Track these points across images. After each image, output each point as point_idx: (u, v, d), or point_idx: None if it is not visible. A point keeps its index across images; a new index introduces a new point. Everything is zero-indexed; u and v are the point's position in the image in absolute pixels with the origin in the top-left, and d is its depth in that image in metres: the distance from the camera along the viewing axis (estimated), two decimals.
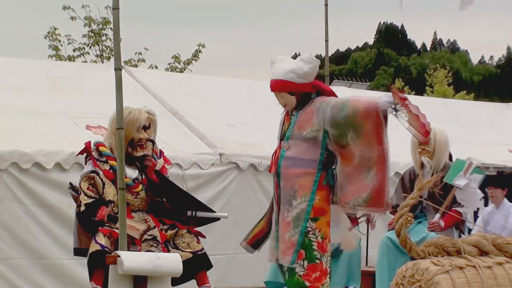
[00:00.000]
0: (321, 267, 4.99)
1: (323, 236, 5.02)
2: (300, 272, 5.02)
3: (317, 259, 5.00)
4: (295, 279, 5.01)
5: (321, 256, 5.00)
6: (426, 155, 6.83)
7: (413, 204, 4.62)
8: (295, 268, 5.04)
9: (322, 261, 5.00)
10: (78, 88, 8.69)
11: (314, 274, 5.00)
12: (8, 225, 7.02)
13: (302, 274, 5.00)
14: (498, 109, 12.13)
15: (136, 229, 5.72)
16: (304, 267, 5.02)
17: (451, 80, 36.34)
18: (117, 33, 5.27)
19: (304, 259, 5.02)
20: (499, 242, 4.48)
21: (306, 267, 5.01)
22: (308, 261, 5.01)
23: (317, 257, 5.00)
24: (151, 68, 16.40)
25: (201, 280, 5.99)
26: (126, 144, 5.81)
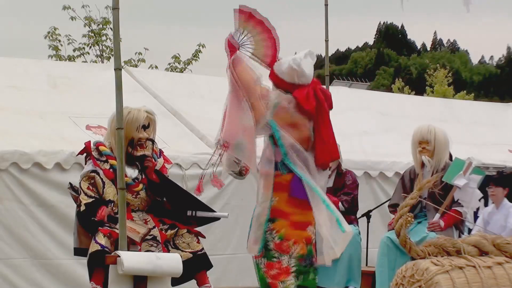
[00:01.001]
0: (280, 265, 5.02)
1: (282, 237, 5.02)
2: (262, 268, 5.09)
3: (274, 257, 5.03)
4: (261, 274, 5.12)
5: (280, 255, 5.02)
6: (426, 154, 6.82)
7: (413, 204, 4.62)
8: (259, 264, 5.12)
9: (281, 260, 5.02)
10: (78, 88, 8.69)
11: (271, 271, 5.04)
12: (8, 225, 7.02)
13: (264, 270, 5.08)
14: (498, 109, 12.14)
15: (136, 232, 5.72)
16: (264, 264, 5.08)
17: (451, 80, 36.30)
18: (117, 33, 5.26)
19: (263, 256, 5.07)
20: (499, 242, 4.48)
21: (265, 264, 5.07)
22: (267, 258, 5.06)
23: (275, 256, 5.03)
24: (151, 68, 16.39)
25: (201, 280, 5.99)
26: (126, 144, 5.82)
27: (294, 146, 5.01)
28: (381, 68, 67.03)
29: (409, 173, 7.09)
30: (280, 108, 5.06)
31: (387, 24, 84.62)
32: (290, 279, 5.00)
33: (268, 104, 5.05)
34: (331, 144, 5.08)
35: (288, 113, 5.05)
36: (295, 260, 5.02)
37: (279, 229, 5.04)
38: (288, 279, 4.99)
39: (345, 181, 7.54)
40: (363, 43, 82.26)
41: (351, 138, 9.30)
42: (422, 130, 6.88)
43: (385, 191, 8.89)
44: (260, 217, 5.10)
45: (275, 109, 5.05)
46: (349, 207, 7.44)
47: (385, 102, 11.03)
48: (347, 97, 10.58)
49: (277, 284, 5.01)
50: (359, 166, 8.72)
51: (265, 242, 5.05)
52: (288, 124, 5.04)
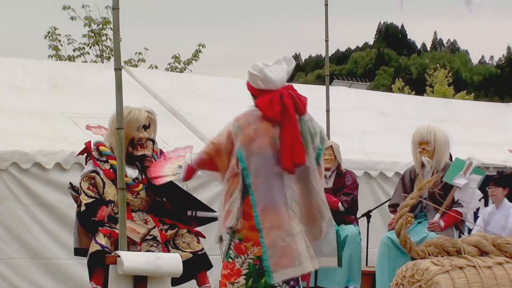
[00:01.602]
0: (233, 266, 5.02)
1: (241, 239, 5.02)
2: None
3: (230, 258, 5.04)
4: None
5: (236, 257, 5.02)
6: (427, 155, 6.82)
7: (413, 204, 4.62)
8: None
9: (235, 261, 5.02)
10: (78, 88, 8.69)
11: (224, 270, 5.07)
12: (8, 225, 7.02)
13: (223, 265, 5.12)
14: (498, 109, 12.14)
15: (137, 232, 5.72)
16: (223, 261, 5.10)
17: (451, 80, 36.33)
18: (117, 33, 5.27)
19: (224, 254, 5.10)
20: (499, 242, 4.48)
21: (223, 263, 5.08)
22: (225, 256, 5.08)
23: (231, 256, 5.04)
24: (151, 68, 16.39)
25: (201, 280, 5.99)
26: (127, 144, 5.82)
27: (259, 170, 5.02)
28: (381, 68, 67.09)
29: (409, 173, 7.09)
30: (242, 128, 5.06)
31: (387, 24, 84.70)
32: (240, 280, 5.01)
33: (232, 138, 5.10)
34: (295, 149, 5.03)
35: (251, 128, 5.05)
36: (250, 262, 5.01)
37: (240, 230, 5.04)
38: (237, 281, 5.00)
39: (345, 181, 7.54)
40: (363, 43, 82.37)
41: (351, 138, 9.30)
42: (422, 131, 6.87)
43: (385, 191, 8.89)
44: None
45: (239, 132, 5.07)
46: (349, 208, 7.44)
47: (385, 102, 11.03)
48: (347, 97, 10.58)
49: (226, 284, 5.03)
50: (359, 166, 8.71)
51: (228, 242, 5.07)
52: (252, 137, 5.04)
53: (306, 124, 5.11)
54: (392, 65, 69.16)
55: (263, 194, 4.98)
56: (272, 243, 4.93)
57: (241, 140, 5.03)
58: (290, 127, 5.03)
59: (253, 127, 5.04)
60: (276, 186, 5.00)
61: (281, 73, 5.15)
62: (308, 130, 5.10)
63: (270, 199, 4.98)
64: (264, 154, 5.00)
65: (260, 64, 5.13)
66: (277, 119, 5.02)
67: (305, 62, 78.67)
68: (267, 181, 5.00)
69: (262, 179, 5.00)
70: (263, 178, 5.00)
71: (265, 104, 5.06)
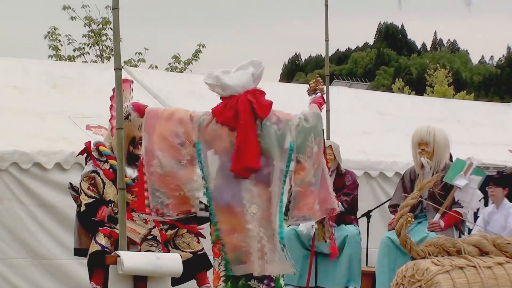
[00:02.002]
0: (214, 270, 5.02)
1: (214, 242, 5.01)
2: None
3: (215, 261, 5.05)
4: None
5: (214, 260, 5.03)
6: (426, 156, 6.82)
7: (413, 204, 4.62)
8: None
9: (214, 264, 5.03)
10: (78, 88, 8.69)
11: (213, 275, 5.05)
12: (8, 225, 7.02)
13: None
14: (498, 109, 12.14)
15: (137, 233, 5.72)
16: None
17: (451, 80, 36.33)
18: (117, 33, 5.27)
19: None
20: (499, 242, 4.48)
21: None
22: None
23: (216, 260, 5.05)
24: (151, 68, 16.39)
25: (201, 280, 5.99)
26: (127, 143, 5.83)
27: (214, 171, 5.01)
28: (381, 68, 67.05)
29: (410, 173, 7.09)
30: (205, 124, 5.07)
31: (387, 24, 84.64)
32: (221, 283, 5.00)
33: (193, 126, 5.08)
34: (246, 153, 5.01)
35: (211, 127, 5.05)
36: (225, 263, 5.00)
37: (212, 233, 5.04)
38: (219, 284, 4.99)
39: (345, 182, 7.53)
40: (363, 43, 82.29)
41: (351, 138, 9.30)
42: (422, 132, 6.86)
43: (385, 191, 8.89)
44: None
45: (201, 127, 5.08)
46: (349, 208, 7.43)
47: (385, 102, 11.03)
48: (347, 97, 10.58)
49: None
50: (359, 166, 8.71)
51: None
52: (212, 137, 5.04)
53: (269, 128, 5.02)
54: (392, 65, 69.10)
55: (217, 195, 4.98)
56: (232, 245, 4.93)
57: (202, 136, 5.04)
58: (242, 131, 5.00)
59: (211, 128, 5.06)
60: (231, 189, 4.97)
61: (242, 78, 5.10)
62: (274, 133, 5.02)
63: (224, 201, 4.97)
64: (220, 157, 5.00)
65: (216, 72, 5.11)
66: (230, 124, 5.02)
67: (305, 62, 78.63)
68: (221, 183, 4.99)
69: (217, 181, 4.99)
70: (216, 179, 4.99)
71: (218, 110, 5.08)
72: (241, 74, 5.12)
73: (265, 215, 4.99)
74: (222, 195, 4.97)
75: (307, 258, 7.28)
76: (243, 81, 5.10)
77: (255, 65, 5.16)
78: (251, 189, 4.97)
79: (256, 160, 4.97)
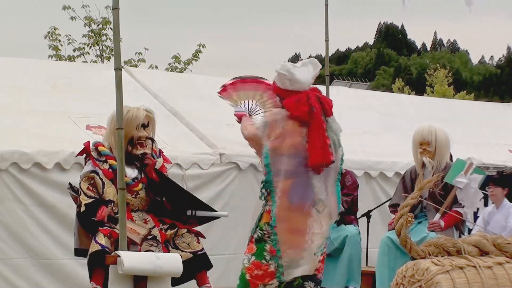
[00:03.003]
0: (267, 268, 5.03)
1: (278, 243, 5.03)
2: (245, 264, 5.11)
3: (264, 259, 5.04)
4: (242, 270, 5.15)
5: (271, 258, 5.03)
6: (427, 155, 6.82)
7: (413, 204, 4.62)
8: (244, 260, 5.16)
9: (269, 263, 5.03)
10: (78, 88, 8.69)
11: (256, 271, 5.05)
12: (8, 225, 7.01)
13: (246, 266, 5.10)
14: (498, 109, 12.14)
15: (137, 233, 5.72)
16: (250, 261, 5.10)
17: (451, 80, 36.34)
18: (117, 33, 5.27)
19: (253, 254, 5.08)
20: (500, 242, 4.48)
21: (252, 262, 5.09)
22: (256, 257, 5.07)
23: (266, 258, 5.04)
24: (151, 68, 16.39)
25: (201, 280, 5.99)
26: (126, 143, 5.82)
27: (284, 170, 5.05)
28: (381, 68, 67.06)
29: (410, 173, 7.09)
30: (270, 124, 5.11)
31: (387, 24, 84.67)
32: (273, 283, 5.02)
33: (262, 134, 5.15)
34: (323, 148, 5.08)
35: (278, 125, 5.10)
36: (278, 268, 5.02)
37: (277, 233, 5.05)
38: (271, 283, 5.01)
39: (345, 182, 7.53)
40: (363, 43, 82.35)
41: (351, 138, 9.28)
42: (423, 131, 6.86)
43: (385, 191, 8.89)
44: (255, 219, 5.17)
45: (266, 127, 5.12)
46: (349, 208, 7.44)
47: (385, 102, 11.03)
48: (347, 97, 10.58)
49: (258, 284, 5.03)
50: (359, 166, 8.71)
51: (260, 243, 5.06)
52: (280, 135, 5.08)
53: (332, 126, 5.21)
54: (392, 65, 69.11)
55: (286, 193, 5.02)
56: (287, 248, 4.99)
57: (268, 138, 5.09)
58: (318, 127, 5.10)
59: (281, 125, 5.10)
60: (302, 186, 5.04)
61: (308, 75, 5.25)
62: (334, 132, 5.22)
63: (296, 199, 5.02)
64: (291, 154, 5.05)
65: (289, 65, 5.24)
66: (305, 119, 5.08)
67: None
68: (293, 181, 5.04)
69: (286, 179, 5.04)
70: (288, 177, 5.04)
71: (292, 104, 5.15)
72: (306, 71, 5.25)
73: (328, 212, 5.11)
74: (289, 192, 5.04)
75: None
76: (309, 79, 5.26)
77: (315, 65, 5.31)
78: (317, 186, 5.06)
79: (331, 156, 5.15)
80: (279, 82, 5.24)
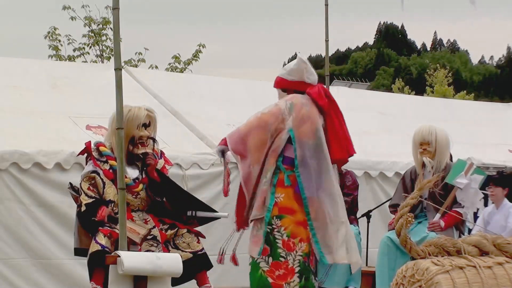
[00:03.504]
0: (286, 265, 5.00)
1: (289, 235, 5.00)
2: (264, 267, 5.06)
3: (281, 257, 5.01)
4: (258, 274, 5.05)
5: (287, 254, 5.00)
6: (427, 155, 6.82)
7: (413, 204, 4.62)
8: (260, 263, 5.08)
9: (287, 259, 5.00)
10: (78, 88, 8.69)
11: (277, 271, 5.02)
12: (8, 225, 7.01)
13: (265, 270, 5.04)
14: (498, 109, 12.13)
15: (137, 233, 5.72)
16: (269, 263, 5.04)
17: (451, 80, 36.34)
18: (117, 33, 5.26)
19: (269, 255, 5.04)
20: (499, 242, 4.48)
21: (270, 264, 5.03)
22: (273, 258, 5.02)
23: (282, 255, 5.01)
24: (151, 68, 16.38)
25: (201, 280, 5.99)
26: (127, 142, 5.83)
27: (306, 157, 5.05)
28: (381, 68, 67.05)
29: (410, 173, 7.09)
30: (295, 106, 5.13)
31: (387, 24, 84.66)
32: (295, 279, 5.00)
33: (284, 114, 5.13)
34: (347, 140, 5.17)
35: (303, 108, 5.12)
36: (300, 259, 5.01)
37: (286, 226, 5.03)
38: (293, 280, 4.99)
39: (345, 182, 7.53)
40: (363, 43, 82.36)
41: (351, 138, 9.29)
42: (423, 131, 6.86)
43: (385, 191, 8.88)
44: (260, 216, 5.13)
45: (292, 110, 5.13)
46: (349, 208, 7.43)
47: (385, 102, 11.03)
48: (347, 97, 10.57)
49: (283, 285, 4.99)
50: (359, 166, 8.71)
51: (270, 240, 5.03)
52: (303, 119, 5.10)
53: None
54: (392, 65, 69.10)
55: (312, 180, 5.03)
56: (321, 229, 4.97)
57: (294, 119, 5.09)
58: (340, 119, 5.18)
59: (306, 109, 5.11)
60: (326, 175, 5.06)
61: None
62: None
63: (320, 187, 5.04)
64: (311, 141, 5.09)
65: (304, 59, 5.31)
66: (326, 109, 5.12)
67: None
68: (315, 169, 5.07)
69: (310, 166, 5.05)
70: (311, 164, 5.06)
71: (316, 93, 5.23)
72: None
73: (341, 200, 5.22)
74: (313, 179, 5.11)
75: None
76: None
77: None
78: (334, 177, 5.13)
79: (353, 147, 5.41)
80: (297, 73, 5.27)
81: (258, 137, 5.16)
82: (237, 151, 5.27)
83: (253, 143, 5.19)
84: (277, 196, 5.09)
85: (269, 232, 5.07)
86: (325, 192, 5.11)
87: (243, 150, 5.20)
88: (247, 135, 5.21)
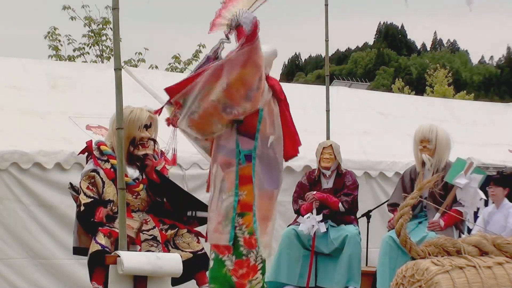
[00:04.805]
0: (248, 263, 4.95)
1: (251, 232, 4.96)
2: (229, 266, 5.00)
3: (243, 255, 4.95)
4: (223, 272, 4.99)
5: (248, 252, 4.95)
6: (427, 153, 6.83)
7: (413, 203, 4.62)
8: (225, 261, 5.02)
9: (249, 257, 4.96)
10: (78, 88, 8.69)
11: (240, 270, 4.96)
12: (8, 225, 7.02)
13: (230, 269, 4.99)
14: (498, 109, 12.13)
15: (130, 227, 5.71)
16: (233, 262, 5.00)
17: (451, 80, 36.34)
18: (117, 33, 5.27)
19: (232, 254, 5.00)
20: (499, 242, 4.48)
21: (234, 262, 4.99)
22: (236, 256, 4.99)
23: (243, 253, 4.95)
24: (151, 68, 16.39)
25: (201, 280, 5.99)
26: (128, 143, 5.83)
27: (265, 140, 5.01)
28: (381, 68, 67.01)
29: (410, 173, 7.09)
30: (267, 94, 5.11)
31: (387, 24, 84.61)
32: (257, 276, 4.98)
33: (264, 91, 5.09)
34: (296, 137, 5.12)
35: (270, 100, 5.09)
36: (261, 256, 4.99)
37: (248, 223, 4.99)
38: (255, 278, 4.97)
39: (345, 182, 7.53)
40: (363, 43, 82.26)
41: (351, 138, 9.29)
42: (424, 129, 6.90)
43: (385, 191, 8.88)
44: (228, 213, 5.03)
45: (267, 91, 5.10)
46: (349, 208, 7.44)
47: (385, 102, 11.02)
48: (347, 97, 10.58)
49: (245, 283, 4.96)
50: (359, 166, 8.71)
51: (234, 238, 4.98)
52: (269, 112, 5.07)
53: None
54: (392, 65, 69.05)
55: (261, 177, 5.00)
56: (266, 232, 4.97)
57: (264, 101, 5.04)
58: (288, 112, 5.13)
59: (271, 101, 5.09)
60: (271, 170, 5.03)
61: None
62: None
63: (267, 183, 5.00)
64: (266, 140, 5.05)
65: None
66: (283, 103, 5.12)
67: (305, 62, 78.57)
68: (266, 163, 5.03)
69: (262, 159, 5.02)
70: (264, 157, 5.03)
71: (279, 85, 5.21)
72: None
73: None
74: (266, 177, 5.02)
75: (307, 258, 7.29)
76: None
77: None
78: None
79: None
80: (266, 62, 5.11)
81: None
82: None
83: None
84: (239, 193, 5.01)
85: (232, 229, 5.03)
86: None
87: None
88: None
